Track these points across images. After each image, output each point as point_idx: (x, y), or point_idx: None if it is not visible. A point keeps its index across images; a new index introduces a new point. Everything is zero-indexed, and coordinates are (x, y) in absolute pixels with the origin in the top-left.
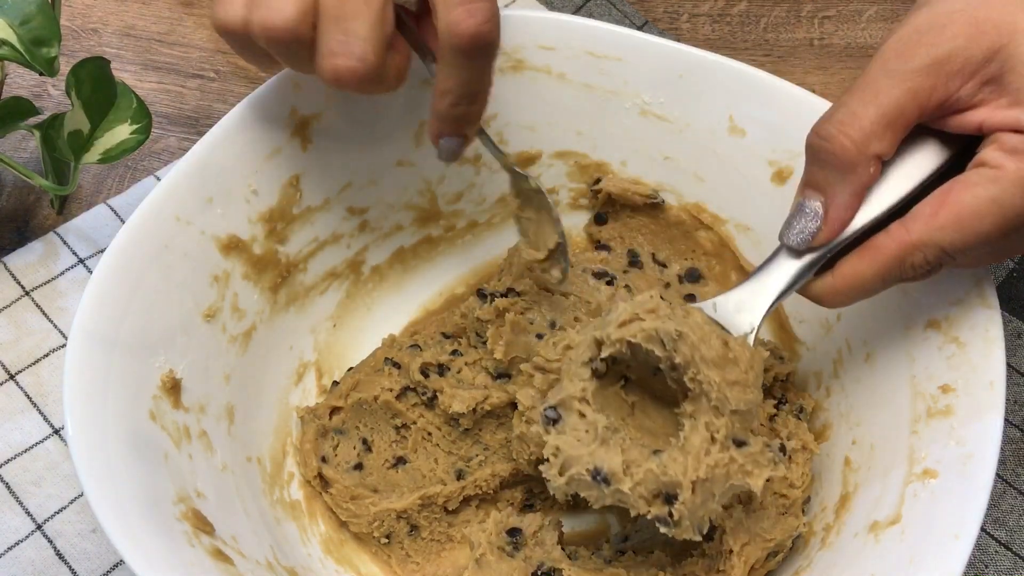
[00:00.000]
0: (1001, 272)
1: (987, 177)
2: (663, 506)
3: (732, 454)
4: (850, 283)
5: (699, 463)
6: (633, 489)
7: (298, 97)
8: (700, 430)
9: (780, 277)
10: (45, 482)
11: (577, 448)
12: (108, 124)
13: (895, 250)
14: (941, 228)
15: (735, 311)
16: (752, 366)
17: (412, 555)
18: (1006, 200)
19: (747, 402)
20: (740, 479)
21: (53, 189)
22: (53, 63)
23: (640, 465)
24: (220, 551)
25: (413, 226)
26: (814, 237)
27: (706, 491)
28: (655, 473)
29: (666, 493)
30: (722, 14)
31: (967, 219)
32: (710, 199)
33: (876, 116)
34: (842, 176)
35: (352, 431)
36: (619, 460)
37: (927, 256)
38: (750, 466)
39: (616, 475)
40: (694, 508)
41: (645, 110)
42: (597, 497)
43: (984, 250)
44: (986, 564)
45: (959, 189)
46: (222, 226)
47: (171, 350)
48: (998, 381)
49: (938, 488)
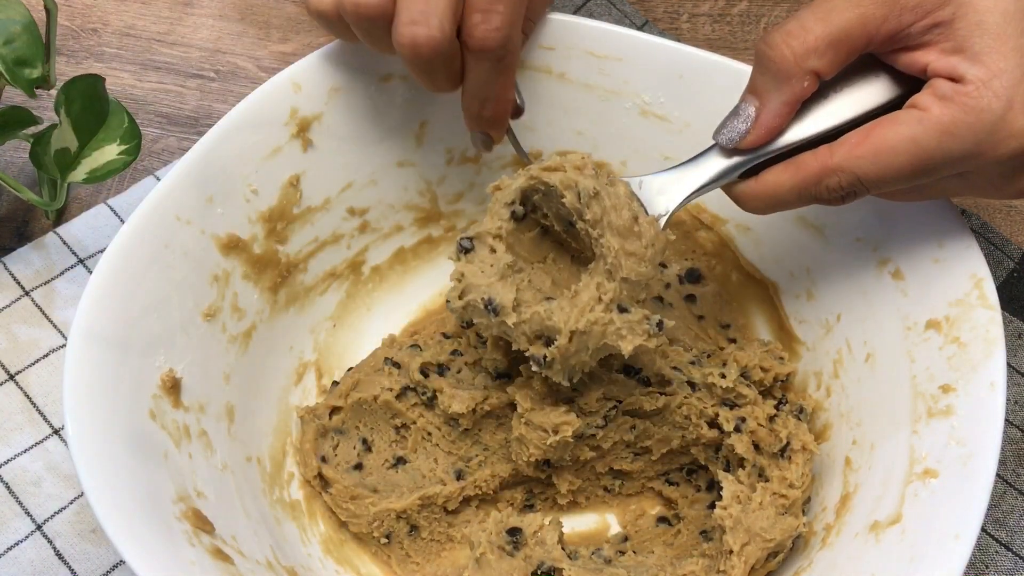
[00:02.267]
0: (1001, 272)
1: (913, 117)
2: (542, 348)
3: (613, 316)
4: (769, 190)
5: (581, 317)
6: (517, 325)
7: (298, 97)
8: (591, 288)
9: (705, 172)
10: (45, 482)
11: (479, 278)
12: (97, 143)
13: (816, 169)
14: (860, 157)
15: (657, 192)
16: (654, 244)
17: (412, 555)
18: (923, 141)
19: (639, 274)
20: (613, 340)
21: (41, 203)
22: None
23: (530, 306)
24: (220, 550)
25: (413, 226)
26: (742, 139)
27: (581, 342)
28: (541, 316)
29: (547, 337)
30: (722, 14)
31: (884, 153)
32: (710, 199)
33: (823, 33)
34: (777, 85)
35: (352, 431)
36: (511, 297)
37: (841, 181)
38: (625, 331)
39: (505, 309)
40: (567, 355)
41: (645, 110)
42: (486, 326)
43: (898, 186)
44: (986, 564)
45: (885, 124)
46: (222, 226)
47: (171, 350)
48: (999, 381)
49: (939, 488)
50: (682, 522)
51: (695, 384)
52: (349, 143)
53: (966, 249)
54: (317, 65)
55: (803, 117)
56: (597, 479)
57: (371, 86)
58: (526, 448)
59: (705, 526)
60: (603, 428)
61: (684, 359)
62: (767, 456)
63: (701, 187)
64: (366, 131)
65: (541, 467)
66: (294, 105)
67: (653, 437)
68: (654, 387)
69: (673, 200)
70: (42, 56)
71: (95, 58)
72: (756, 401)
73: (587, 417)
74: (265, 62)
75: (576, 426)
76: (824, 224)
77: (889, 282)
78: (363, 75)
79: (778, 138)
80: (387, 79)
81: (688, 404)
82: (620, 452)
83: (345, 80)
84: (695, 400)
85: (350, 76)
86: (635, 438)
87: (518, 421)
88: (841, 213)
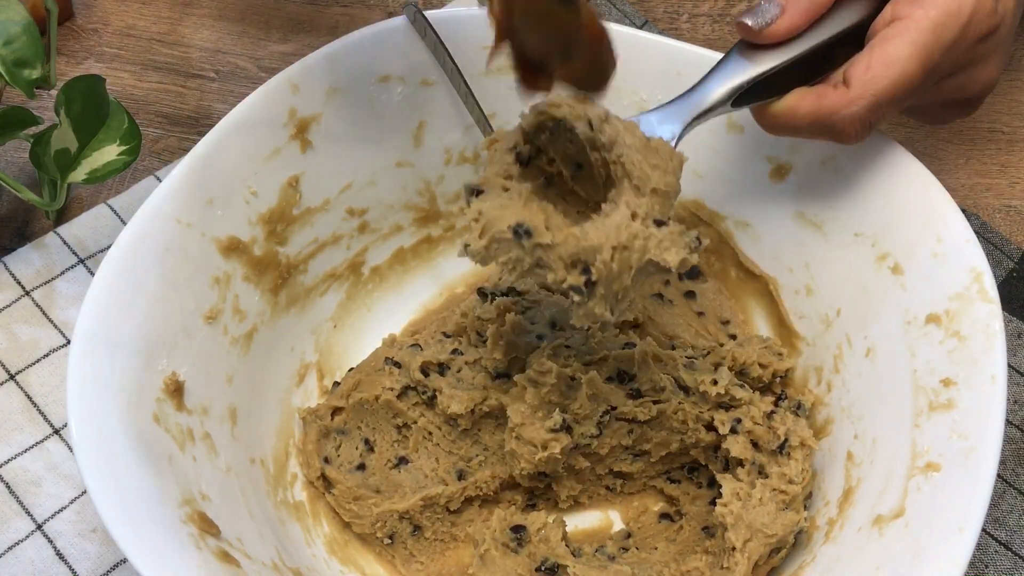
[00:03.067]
0: (1001, 272)
1: (902, 27)
2: (580, 276)
3: (652, 230)
4: (787, 112)
5: (620, 232)
6: (553, 246)
7: (297, 98)
8: (621, 208)
9: (700, 100)
10: (45, 482)
11: (501, 210)
12: (96, 144)
13: (836, 100)
14: (873, 79)
15: (657, 124)
16: (672, 158)
17: (416, 555)
18: (921, 40)
19: (667, 183)
20: (658, 254)
21: (41, 204)
22: (35, 84)
23: (562, 229)
24: (226, 553)
25: (413, 226)
26: (773, 21)
27: (623, 261)
28: (576, 237)
29: (584, 262)
30: (722, 14)
31: (893, 65)
32: (709, 195)
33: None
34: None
35: (354, 431)
36: (542, 218)
37: (861, 110)
38: (668, 243)
39: (538, 229)
40: (610, 276)
41: (643, 108)
42: (517, 259)
43: (912, 98)
44: (986, 564)
45: (881, 44)
46: (222, 228)
47: (173, 352)
48: (999, 375)
49: (941, 481)
50: (684, 519)
51: (688, 389)
52: (348, 144)
53: (965, 243)
54: (314, 66)
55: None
56: (598, 480)
57: (369, 86)
58: (518, 462)
59: (707, 522)
60: (597, 437)
61: (679, 362)
62: (766, 453)
63: (700, 114)
64: (364, 131)
65: (537, 477)
66: (293, 106)
67: (652, 441)
68: (647, 397)
69: (677, 127)
70: (42, 56)
71: (95, 58)
72: (752, 400)
73: (580, 426)
74: (265, 62)
75: (564, 443)
76: (823, 219)
77: (888, 276)
78: (361, 75)
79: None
80: (385, 79)
81: (683, 410)
82: (619, 455)
83: (343, 80)
84: (689, 405)
85: (348, 76)
86: (633, 442)
87: (509, 435)
88: (839, 208)
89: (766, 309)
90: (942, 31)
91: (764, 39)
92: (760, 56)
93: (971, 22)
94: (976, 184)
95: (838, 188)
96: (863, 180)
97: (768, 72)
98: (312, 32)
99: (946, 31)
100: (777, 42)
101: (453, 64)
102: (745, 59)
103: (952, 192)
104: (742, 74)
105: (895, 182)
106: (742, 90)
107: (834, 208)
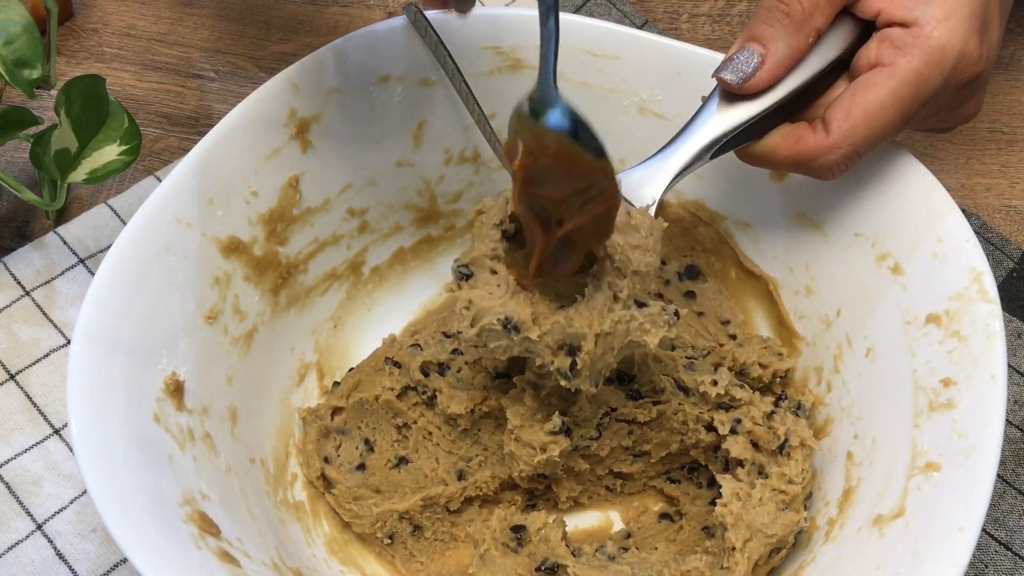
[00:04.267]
0: (1001, 272)
1: (884, 75)
2: (566, 358)
3: (633, 312)
4: (768, 153)
5: (603, 318)
6: (541, 338)
7: (297, 98)
8: (604, 289)
9: (680, 157)
10: (45, 482)
11: (489, 300)
12: (97, 144)
13: (814, 146)
14: (853, 128)
15: (638, 186)
16: (652, 233)
17: (416, 555)
18: (902, 93)
19: (647, 264)
20: (639, 335)
21: (41, 204)
22: (35, 85)
23: (548, 317)
24: (227, 553)
25: (413, 226)
26: (753, 74)
27: (607, 344)
28: (562, 325)
29: (569, 345)
30: (722, 14)
31: (873, 116)
32: (708, 196)
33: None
34: (787, 35)
35: (354, 431)
36: (528, 311)
37: (839, 157)
38: (648, 325)
39: (526, 324)
40: (594, 360)
41: (643, 108)
42: (506, 347)
43: (886, 141)
44: (986, 564)
45: (862, 90)
46: (222, 228)
47: (174, 352)
48: (999, 375)
49: (941, 481)
50: (684, 519)
51: (688, 390)
52: (347, 144)
53: (965, 243)
54: (314, 66)
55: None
56: (598, 480)
57: (369, 86)
58: (517, 464)
59: (707, 522)
60: (597, 439)
61: (679, 363)
62: (766, 453)
63: (679, 172)
64: (364, 131)
65: (536, 479)
66: (293, 106)
67: (651, 442)
68: (646, 398)
69: (657, 189)
70: (42, 56)
71: (95, 58)
72: (752, 401)
73: (580, 428)
74: (265, 62)
75: (563, 446)
76: (823, 220)
77: (888, 277)
78: (361, 75)
79: (770, 92)
80: (385, 79)
81: (683, 410)
82: (619, 455)
83: (343, 80)
84: (689, 406)
85: (348, 76)
86: (633, 442)
87: (508, 437)
88: (839, 209)
89: (766, 309)
90: (923, 83)
91: (745, 91)
92: (740, 105)
93: (954, 71)
94: (976, 184)
95: (838, 188)
96: (863, 180)
97: (749, 122)
98: (312, 32)
99: (927, 84)
100: (757, 92)
101: (453, 64)
102: (725, 108)
103: (952, 192)
104: (723, 124)
105: (895, 182)
106: (722, 142)
107: (834, 208)
